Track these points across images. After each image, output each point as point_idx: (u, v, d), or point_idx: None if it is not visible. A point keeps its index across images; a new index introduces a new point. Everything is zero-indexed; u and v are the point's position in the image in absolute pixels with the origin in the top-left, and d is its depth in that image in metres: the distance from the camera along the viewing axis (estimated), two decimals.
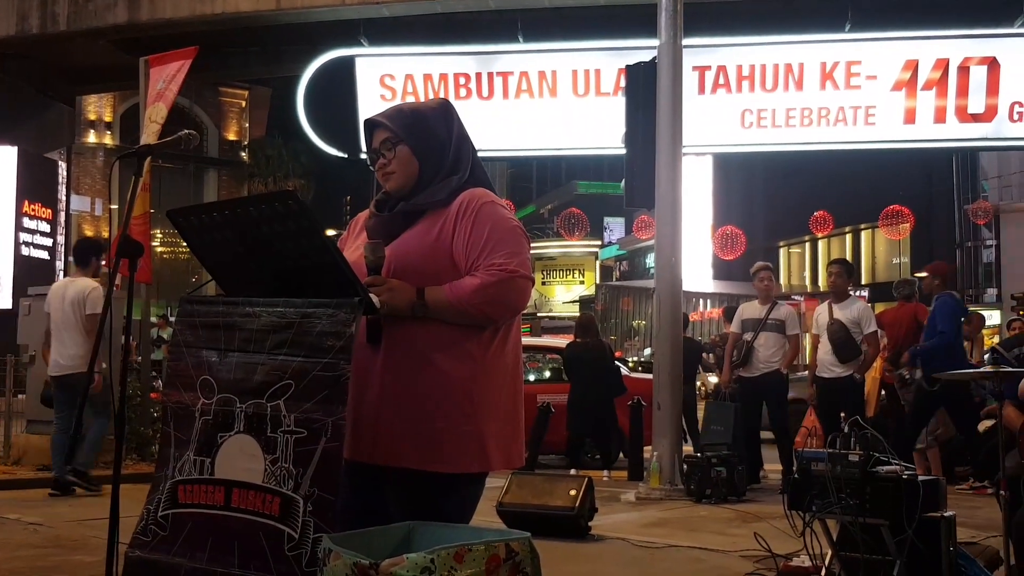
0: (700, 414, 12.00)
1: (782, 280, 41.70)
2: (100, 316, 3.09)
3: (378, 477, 2.83)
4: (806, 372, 10.68)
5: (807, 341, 11.24)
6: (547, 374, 13.15)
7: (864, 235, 38.16)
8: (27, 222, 27.57)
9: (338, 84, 16.86)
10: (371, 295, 2.70)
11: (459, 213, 2.81)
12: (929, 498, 4.79)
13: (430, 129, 2.93)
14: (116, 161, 3.45)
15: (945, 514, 4.89)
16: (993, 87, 15.19)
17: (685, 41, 9.91)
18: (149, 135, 10.31)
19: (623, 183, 10.15)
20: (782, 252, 43.47)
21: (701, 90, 15.58)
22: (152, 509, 2.90)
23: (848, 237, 38.85)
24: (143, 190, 10.00)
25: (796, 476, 5.04)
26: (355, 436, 2.72)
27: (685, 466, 9.16)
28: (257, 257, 2.87)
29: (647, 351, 30.11)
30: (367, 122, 3.01)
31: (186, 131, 3.40)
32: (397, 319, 2.76)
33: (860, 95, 15.51)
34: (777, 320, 9.71)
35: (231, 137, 40.57)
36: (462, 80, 16.54)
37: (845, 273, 9.75)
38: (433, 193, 2.88)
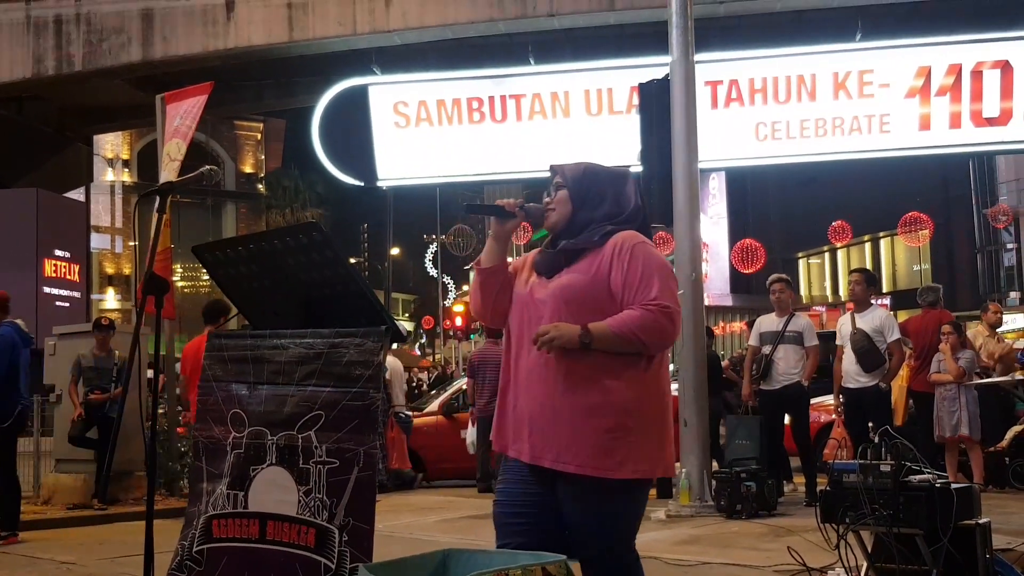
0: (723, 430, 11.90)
1: (802, 291, 41.48)
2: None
3: (554, 478, 3.16)
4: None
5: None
6: None
7: (884, 243, 38.03)
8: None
9: (352, 113, 16.94)
10: (400, 324, 2.73)
11: (615, 252, 3.24)
12: (963, 506, 4.76)
13: (593, 183, 3.38)
14: (138, 200, 3.47)
15: (980, 521, 4.85)
16: (1007, 90, 15.15)
17: (697, 56, 9.90)
18: (169, 171, 10.33)
19: None
20: (801, 263, 43.30)
21: (715, 105, 15.60)
22: (187, 544, 2.91)
23: (867, 246, 38.71)
24: (166, 227, 10.03)
25: (828, 488, 5.01)
26: (533, 442, 3.15)
27: (714, 482, 9.10)
28: (283, 289, 2.89)
29: (670, 367, 30.02)
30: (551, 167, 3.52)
31: (208, 167, 3.42)
32: (570, 350, 3.14)
33: (874, 103, 15.49)
34: (795, 332, 9.61)
35: (248, 170, 40.72)
36: (475, 104, 16.61)
37: (866, 282, 9.68)
38: (590, 236, 3.31)
